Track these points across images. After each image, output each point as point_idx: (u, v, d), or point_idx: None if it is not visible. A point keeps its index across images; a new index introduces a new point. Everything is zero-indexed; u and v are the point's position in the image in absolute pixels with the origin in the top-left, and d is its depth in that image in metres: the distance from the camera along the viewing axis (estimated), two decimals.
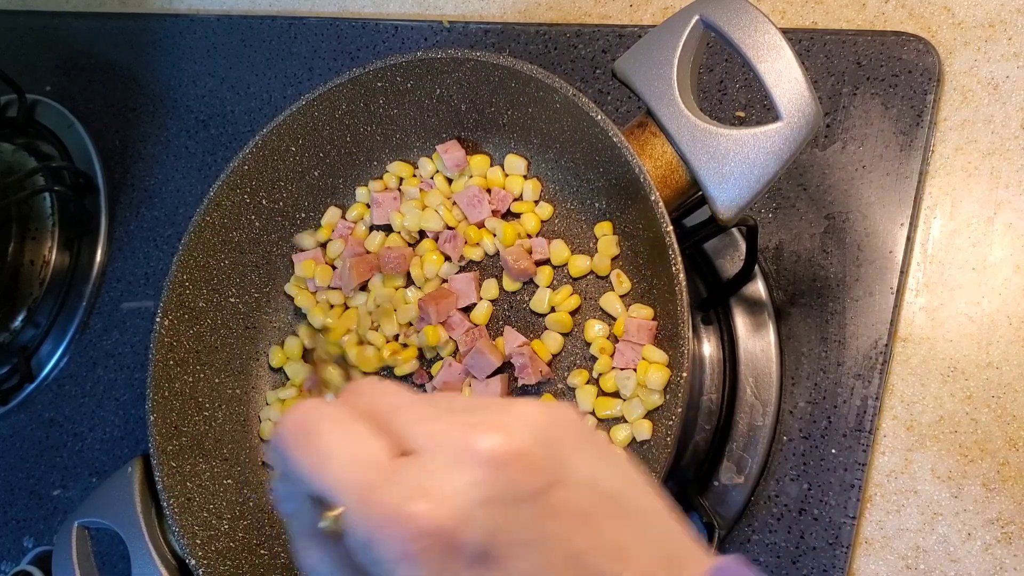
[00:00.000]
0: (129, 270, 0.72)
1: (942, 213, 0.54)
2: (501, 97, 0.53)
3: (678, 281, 0.44)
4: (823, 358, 0.54)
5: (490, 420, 0.29)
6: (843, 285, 0.54)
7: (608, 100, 0.61)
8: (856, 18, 0.58)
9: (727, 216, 0.45)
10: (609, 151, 0.47)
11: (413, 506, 0.27)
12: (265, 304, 0.59)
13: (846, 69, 0.57)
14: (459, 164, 0.55)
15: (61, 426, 0.71)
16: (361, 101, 0.55)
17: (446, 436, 0.28)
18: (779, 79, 0.44)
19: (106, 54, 0.79)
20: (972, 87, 0.55)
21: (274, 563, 0.53)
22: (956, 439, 0.51)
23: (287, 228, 0.58)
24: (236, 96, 0.73)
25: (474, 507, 0.27)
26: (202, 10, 0.77)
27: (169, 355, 0.54)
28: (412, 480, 0.28)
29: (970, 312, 0.53)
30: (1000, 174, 0.54)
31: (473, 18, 0.68)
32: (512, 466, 0.28)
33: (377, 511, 0.27)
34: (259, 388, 0.58)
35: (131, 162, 0.75)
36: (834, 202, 0.56)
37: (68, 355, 0.72)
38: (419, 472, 0.28)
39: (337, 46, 0.71)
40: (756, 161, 0.44)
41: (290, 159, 0.56)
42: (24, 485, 0.70)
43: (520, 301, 0.54)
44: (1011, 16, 0.55)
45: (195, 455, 0.54)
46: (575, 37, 0.63)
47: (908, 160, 0.55)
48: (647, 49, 0.47)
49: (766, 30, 0.44)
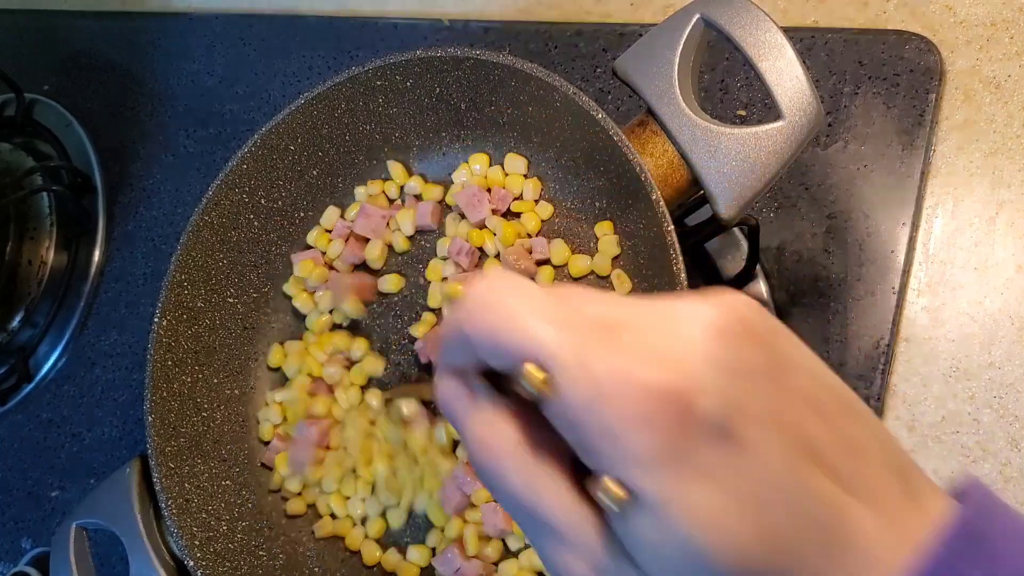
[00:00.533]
0: (127, 270, 0.72)
1: (944, 213, 0.54)
2: (501, 96, 0.52)
3: (679, 281, 0.44)
4: (825, 358, 0.53)
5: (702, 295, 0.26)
6: (845, 285, 0.54)
7: (609, 99, 0.61)
8: (858, 17, 0.58)
9: (728, 215, 0.45)
10: (610, 150, 0.47)
11: (644, 365, 0.24)
12: (264, 304, 0.59)
13: (848, 68, 0.57)
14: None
15: (59, 427, 0.70)
16: (360, 100, 0.54)
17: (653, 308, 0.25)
18: (780, 78, 0.44)
19: (104, 53, 0.78)
20: (974, 86, 0.55)
21: (273, 564, 0.53)
22: (958, 439, 0.51)
23: (286, 228, 0.58)
24: (235, 95, 0.72)
25: (711, 373, 0.24)
26: (201, 9, 0.77)
27: (167, 355, 0.54)
28: (630, 344, 0.24)
29: (972, 312, 0.52)
30: (1002, 173, 0.54)
31: (473, 16, 0.67)
32: (737, 335, 0.25)
33: (602, 369, 0.24)
34: (258, 389, 0.58)
35: (129, 161, 0.74)
36: (836, 201, 0.56)
37: (66, 355, 0.72)
38: (640, 335, 0.25)
39: (336, 45, 0.70)
40: (757, 160, 0.44)
41: (289, 158, 0.56)
42: (22, 486, 0.70)
43: None
44: (1013, 15, 0.55)
45: (193, 456, 0.54)
46: (576, 35, 0.63)
47: (910, 159, 0.54)
48: (648, 48, 0.47)
49: (767, 28, 0.44)
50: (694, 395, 0.24)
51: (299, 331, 0.58)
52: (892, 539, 0.25)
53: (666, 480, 0.24)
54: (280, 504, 0.56)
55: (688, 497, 0.24)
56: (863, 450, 0.26)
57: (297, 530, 0.55)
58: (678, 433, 0.23)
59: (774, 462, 0.24)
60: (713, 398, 0.24)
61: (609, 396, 0.24)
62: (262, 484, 0.56)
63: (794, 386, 0.25)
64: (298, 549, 0.54)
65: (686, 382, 0.24)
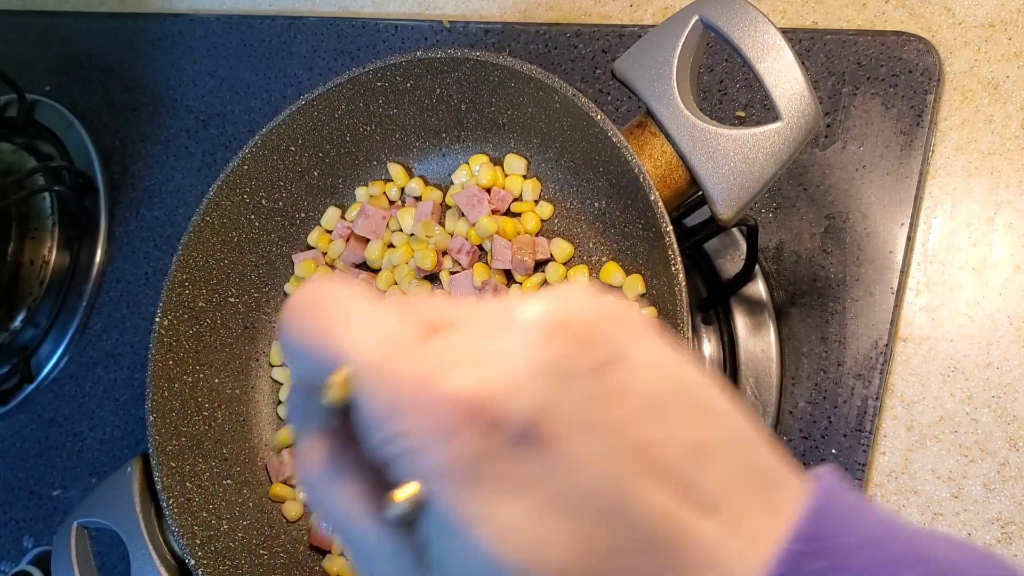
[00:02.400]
0: (129, 270, 0.72)
1: (942, 213, 0.54)
2: (501, 97, 0.53)
3: (678, 281, 0.44)
4: (823, 358, 0.54)
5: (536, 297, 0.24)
6: (843, 285, 0.54)
7: (608, 100, 0.61)
8: (856, 18, 0.58)
9: (727, 216, 0.45)
10: (609, 151, 0.47)
11: (445, 373, 0.22)
12: (265, 304, 0.59)
13: (846, 69, 0.57)
14: None
15: (61, 426, 0.71)
16: (361, 101, 0.55)
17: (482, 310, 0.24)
18: (779, 79, 0.44)
19: (106, 54, 0.79)
20: (972, 87, 0.55)
21: (274, 563, 0.53)
22: (956, 439, 0.51)
23: (287, 228, 0.58)
24: (236, 96, 0.73)
25: (519, 377, 0.22)
26: (202, 10, 0.77)
27: (168, 355, 0.54)
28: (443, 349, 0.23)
29: (970, 312, 0.52)
30: (1000, 174, 0.54)
31: (473, 18, 0.68)
32: (563, 334, 0.23)
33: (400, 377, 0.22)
34: (259, 388, 0.58)
35: (131, 162, 0.75)
36: (834, 202, 0.56)
37: (68, 355, 0.72)
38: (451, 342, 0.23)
39: (337, 46, 0.71)
40: (756, 161, 0.44)
41: (290, 159, 0.56)
42: (24, 485, 0.70)
43: None
44: (1011, 16, 0.55)
45: (194, 455, 0.54)
46: (575, 37, 0.63)
47: (908, 160, 0.55)
48: (647, 49, 0.47)
49: (766, 30, 0.44)
50: (501, 400, 0.22)
51: None
52: (740, 549, 0.23)
53: (463, 492, 0.22)
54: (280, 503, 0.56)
55: (490, 509, 0.22)
56: (708, 453, 0.23)
57: (298, 529, 0.55)
58: (478, 442, 0.22)
59: (593, 472, 0.22)
60: (525, 405, 0.22)
61: (404, 406, 0.22)
62: (263, 483, 0.56)
63: (626, 386, 0.23)
64: (299, 548, 0.55)
65: (493, 387, 0.22)
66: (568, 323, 0.23)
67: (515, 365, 0.22)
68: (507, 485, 0.22)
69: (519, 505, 0.22)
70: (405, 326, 0.23)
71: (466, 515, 0.22)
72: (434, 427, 0.22)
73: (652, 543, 0.22)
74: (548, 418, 0.22)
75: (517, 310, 0.23)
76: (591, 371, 0.23)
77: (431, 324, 0.24)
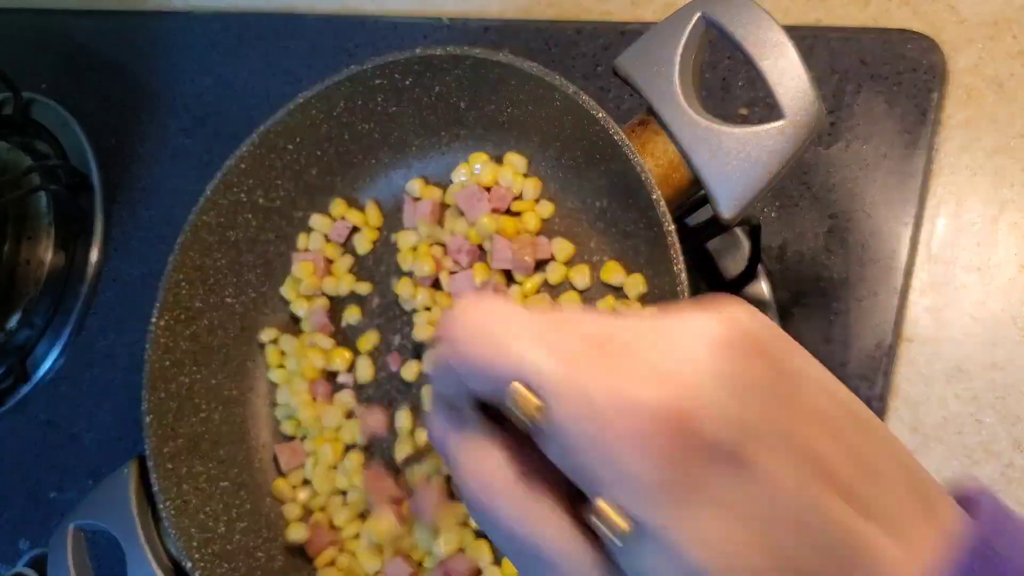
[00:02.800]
0: (125, 270, 0.72)
1: (947, 212, 0.54)
2: (501, 95, 0.52)
3: (680, 281, 0.44)
4: (827, 359, 0.53)
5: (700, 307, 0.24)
6: (847, 285, 0.54)
7: (609, 98, 0.61)
8: (860, 15, 0.58)
9: (729, 215, 0.45)
10: (610, 149, 0.47)
11: (642, 384, 0.22)
12: (262, 304, 0.58)
13: (850, 67, 0.56)
14: None
15: (57, 427, 0.70)
16: (359, 99, 0.54)
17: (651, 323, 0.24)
18: (782, 77, 0.44)
19: (102, 52, 0.78)
20: (977, 85, 0.55)
21: (271, 566, 0.53)
22: (961, 440, 0.51)
23: (284, 227, 0.58)
24: (233, 94, 0.72)
25: (715, 390, 0.22)
26: (199, 7, 0.77)
27: (165, 356, 0.54)
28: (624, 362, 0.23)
29: (975, 312, 0.52)
30: (1005, 173, 0.53)
31: (473, 15, 0.67)
32: (747, 348, 0.23)
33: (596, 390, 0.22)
34: (256, 389, 0.58)
35: (127, 160, 0.74)
36: (838, 201, 0.55)
37: (64, 356, 0.71)
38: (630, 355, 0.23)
39: (335, 43, 0.70)
40: (759, 159, 0.44)
41: (287, 157, 0.56)
42: (19, 487, 0.70)
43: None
44: (1016, 14, 0.55)
45: (191, 457, 0.53)
46: (576, 34, 0.63)
47: (912, 159, 0.54)
48: (649, 46, 0.46)
49: (769, 27, 0.44)
50: (698, 415, 0.22)
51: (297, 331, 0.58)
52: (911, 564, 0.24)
53: (671, 507, 0.22)
54: (278, 506, 0.55)
55: (695, 525, 0.22)
56: (879, 470, 0.24)
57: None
58: (682, 457, 0.22)
59: (786, 486, 0.23)
60: (719, 419, 0.22)
61: (605, 419, 0.22)
62: (260, 485, 0.56)
63: (805, 404, 0.24)
64: (297, 551, 0.54)
65: (689, 401, 0.22)
66: (745, 338, 0.23)
67: (706, 376, 0.22)
68: (707, 500, 0.22)
69: (720, 519, 0.22)
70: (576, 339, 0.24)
71: (673, 532, 0.22)
72: (635, 438, 0.22)
73: (838, 553, 0.23)
74: (744, 435, 0.22)
75: (684, 324, 0.24)
76: (775, 388, 0.23)
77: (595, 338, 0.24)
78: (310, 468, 0.55)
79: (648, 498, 0.22)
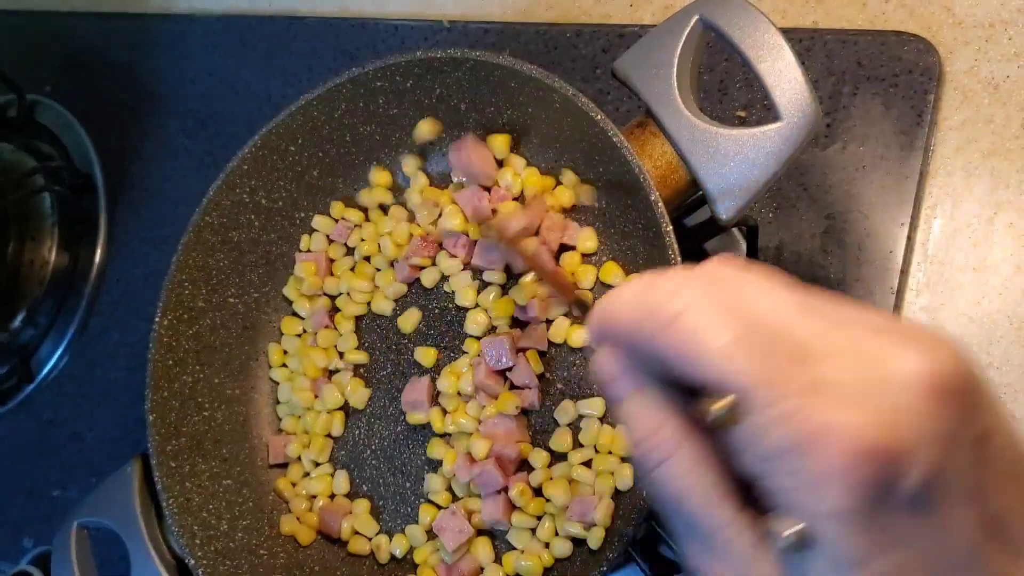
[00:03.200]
0: (128, 270, 0.72)
1: (943, 213, 0.54)
2: (501, 97, 0.53)
3: None
4: None
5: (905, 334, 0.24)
6: (843, 285, 0.54)
7: (608, 100, 0.61)
8: (857, 18, 0.58)
9: (727, 216, 0.45)
10: (609, 151, 0.47)
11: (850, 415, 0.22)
12: (264, 304, 0.59)
13: (846, 69, 0.57)
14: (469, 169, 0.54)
15: (60, 426, 0.71)
16: (360, 101, 0.55)
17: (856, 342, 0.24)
18: (779, 79, 0.44)
19: (105, 54, 0.79)
20: (973, 87, 0.55)
21: (273, 563, 0.53)
22: None
23: (286, 228, 0.58)
24: (235, 95, 0.73)
25: (920, 436, 0.22)
26: (201, 10, 0.77)
27: (168, 355, 0.54)
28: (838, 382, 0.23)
29: (971, 312, 0.52)
30: (1001, 174, 0.54)
31: (473, 17, 0.68)
32: (954, 393, 0.23)
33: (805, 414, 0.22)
34: (258, 388, 0.58)
35: (130, 162, 0.75)
36: (834, 202, 0.56)
37: (67, 355, 0.72)
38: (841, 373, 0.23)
39: (336, 45, 0.71)
40: (756, 161, 0.44)
41: (289, 159, 0.56)
42: (23, 485, 0.70)
43: None
44: (1012, 16, 0.55)
45: (194, 455, 0.54)
46: (575, 37, 0.63)
47: (909, 160, 0.55)
48: (647, 49, 0.47)
49: (766, 30, 0.44)
50: (904, 457, 0.22)
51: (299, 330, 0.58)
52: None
53: (858, 539, 0.23)
54: (281, 504, 0.56)
55: (876, 560, 0.23)
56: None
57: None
58: (881, 493, 0.22)
59: (963, 537, 0.24)
60: (922, 463, 0.22)
61: (811, 443, 0.22)
62: (263, 483, 0.56)
63: (994, 456, 0.24)
64: (298, 547, 0.54)
65: (895, 443, 0.22)
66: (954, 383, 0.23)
67: (914, 419, 0.23)
68: (892, 537, 0.23)
69: (901, 558, 0.23)
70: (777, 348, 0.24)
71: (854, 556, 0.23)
72: (838, 468, 0.22)
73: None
74: (939, 485, 0.23)
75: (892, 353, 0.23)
76: (971, 438, 0.24)
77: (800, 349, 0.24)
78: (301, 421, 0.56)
79: (836, 524, 0.23)
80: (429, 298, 0.55)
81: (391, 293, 0.56)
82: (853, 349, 0.24)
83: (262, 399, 0.58)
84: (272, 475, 0.57)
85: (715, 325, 0.24)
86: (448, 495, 0.52)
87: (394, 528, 0.54)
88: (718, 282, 0.25)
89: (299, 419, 0.57)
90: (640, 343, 0.26)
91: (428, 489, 0.52)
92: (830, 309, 0.25)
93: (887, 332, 0.24)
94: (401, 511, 0.54)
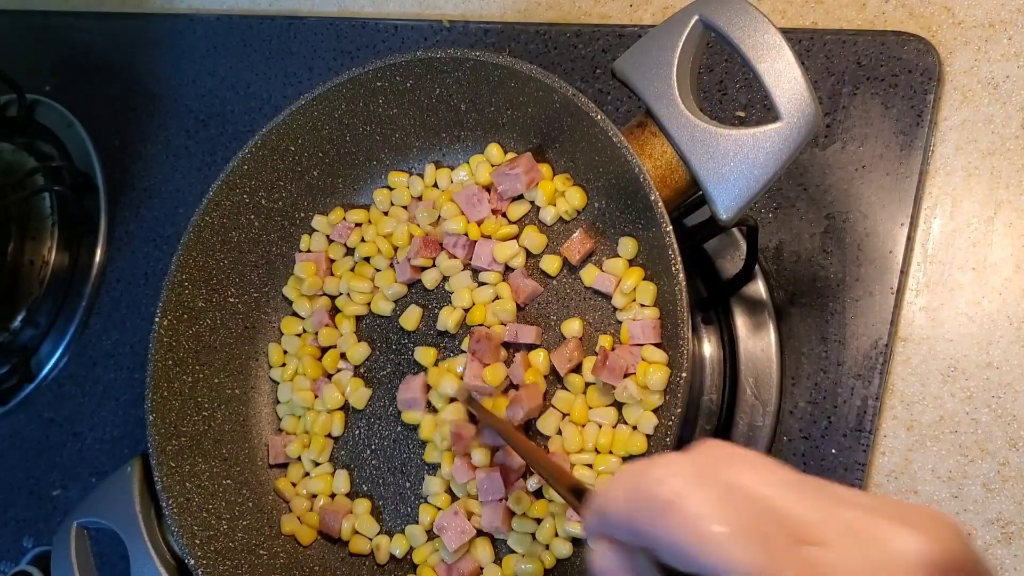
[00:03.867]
0: (129, 270, 0.72)
1: (942, 213, 0.54)
2: (501, 97, 0.53)
3: (678, 281, 0.44)
4: (823, 358, 0.54)
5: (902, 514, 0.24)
6: (843, 285, 0.54)
7: (608, 100, 0.61)
8: (856, 18, 0.58)
9: (727, 216, 0.45)
10: (609, 151, 0.47)
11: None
12: (264, 304, 0.59)
13: (846, 69, 0.57)
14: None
15: (60, 426, 0.71)
16: (360, 101, 0.55)
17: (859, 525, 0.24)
18: (779, 79, 0.44)
19: (106, 54, 0.79)
20: (972, 87, 0.55)
21: (273, 563, 0.53)
22: (956, 439, 0.51)
23: (286, 228, 0.58)
24: (236, 96, 0.73)
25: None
26: (202, 10, 0.77)
27: (168, 355, 0.54)
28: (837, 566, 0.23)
29: (970, 312, 0.52)
30: (1000, 174, 0.54)
31: (473, 18, 0.68)
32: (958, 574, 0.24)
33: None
34: (258, 388, 0.58)
35: (131, 162, 0.75)
36: (834, 202, 0.56)
37: (68, 355, 0.72)
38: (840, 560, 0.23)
39: (337, 46, 0.71)
40: (756, 161, 0.44)
41: (289, 159, 0.56)
42: (23, 485, 0.70)
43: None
44: (1011, 16, 0.55)
45: (194, 455, 0.54)
46: (575, 37, 0.63)
47: (908, 160, 0.55)
48: (647, 49, 0.47)
49: (766, 30, 0.44)
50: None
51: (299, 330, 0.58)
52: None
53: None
54: (280, 504, 0.56)
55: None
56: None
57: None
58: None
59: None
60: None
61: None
62: (263, 483, 0.56)
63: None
64: (298, 547, 0.55)
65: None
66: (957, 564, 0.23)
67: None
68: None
69: None
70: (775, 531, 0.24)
71: None
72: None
73: None
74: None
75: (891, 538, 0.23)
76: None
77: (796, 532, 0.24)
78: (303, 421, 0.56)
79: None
80: (429, 298, 0.55)
81: (391, 294, 0.56)
82: (852, 530, 0.24)
83: (262, 399, 0.58)
84: (272, 475, 0.57)
85: (711, 511, 0.24)
86: (447, 497, 0.52)
87: (394, 528, 0.54)
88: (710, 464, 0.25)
89: (299, 419, 0.57)
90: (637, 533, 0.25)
91: (427, 491, 0.52)
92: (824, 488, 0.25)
93: (884, 512, 0.24)
94: (401, 511, 0.54)
